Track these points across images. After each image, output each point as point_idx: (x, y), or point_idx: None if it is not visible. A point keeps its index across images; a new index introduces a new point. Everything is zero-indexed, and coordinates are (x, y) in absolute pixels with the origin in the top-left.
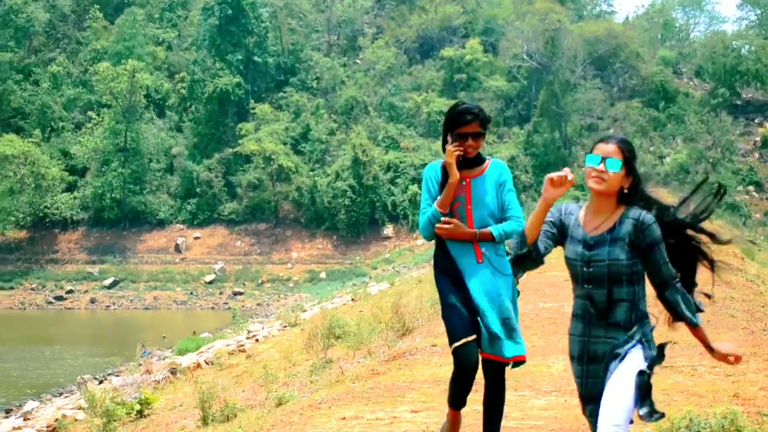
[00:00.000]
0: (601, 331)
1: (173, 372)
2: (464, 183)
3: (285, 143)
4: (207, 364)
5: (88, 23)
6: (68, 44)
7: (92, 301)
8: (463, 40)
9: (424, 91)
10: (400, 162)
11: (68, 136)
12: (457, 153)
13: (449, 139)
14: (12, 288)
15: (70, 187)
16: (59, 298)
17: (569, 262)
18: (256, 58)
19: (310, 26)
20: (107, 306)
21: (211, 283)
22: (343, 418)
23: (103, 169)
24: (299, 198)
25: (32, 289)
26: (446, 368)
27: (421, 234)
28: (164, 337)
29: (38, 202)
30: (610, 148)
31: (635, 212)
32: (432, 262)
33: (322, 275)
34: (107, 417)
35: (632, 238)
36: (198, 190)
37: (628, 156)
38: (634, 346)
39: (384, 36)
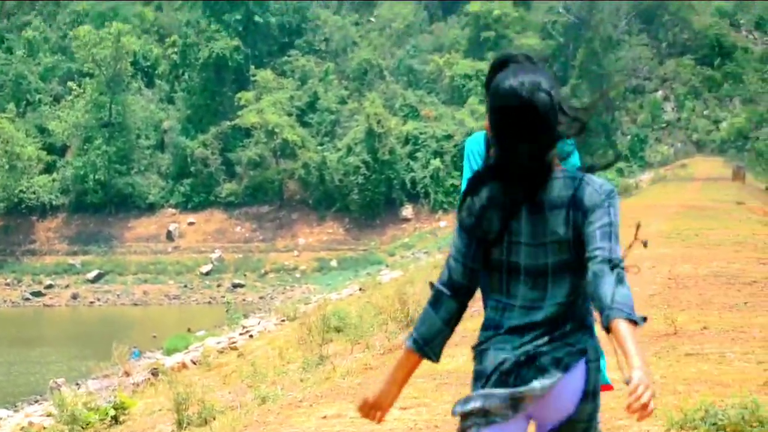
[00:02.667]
0: None
1: (155, 373)
2: None
3: (290, 114)
4: (194, 363)
5: None
6: (44, 6)
7: (74, 296)
8: None
9: (446, 52)
10: (421, 133)
11: (45, 110)
12: None
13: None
14: None
15: (49, 168)
16: (37, 294)
17: None
18: (256, 18)
19: None
20: (91, 302)
21: (207, 274)
22: (324, 417)
23: (85, 147)
24: (306, 176)
25: (7, 284)
26: (445, 360)
27: None
28: (155, 335)
29: (12, 185)
30: None
31: None
32: None
33: (333, 263)
34: (74, 423)
35: None
36: (192, 169)
37: None
38: None
39: None
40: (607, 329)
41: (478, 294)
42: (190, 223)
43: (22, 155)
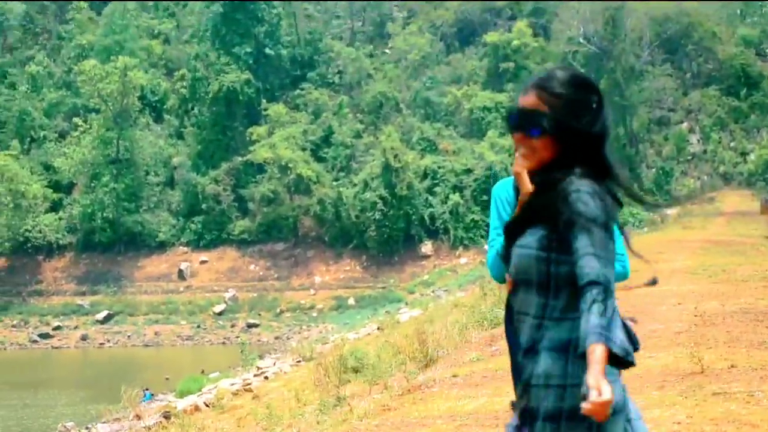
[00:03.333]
0: None
1: (167, 416)
2: None
3: (304, 149)
4: (207, 406)
5: (71, 15)
6: (48, 40)
7: (83, 338)
8: (509, 22)
9: (464, 84)
10: (439, 167)
11: (51, 147)
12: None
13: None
14: None
15: (55, 207)
16: (45, 336)
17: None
18: (267, 51)
19: (330, 11)
20: (101, 343)
21: (221, 314)
22: None
23: (92, 185)
24: (322, 212)
25: (13, 326)
26: (465, 401)
27: (490, 274)
28: (167, 377)
29: (17, 224)
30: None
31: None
32: (480, 285)
33: (351, 302)
34: None
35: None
36: (203, 206)
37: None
38: None
39: (417, 20)
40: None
41: (500, 331)
42: (203, 262)
43: (27, 193)
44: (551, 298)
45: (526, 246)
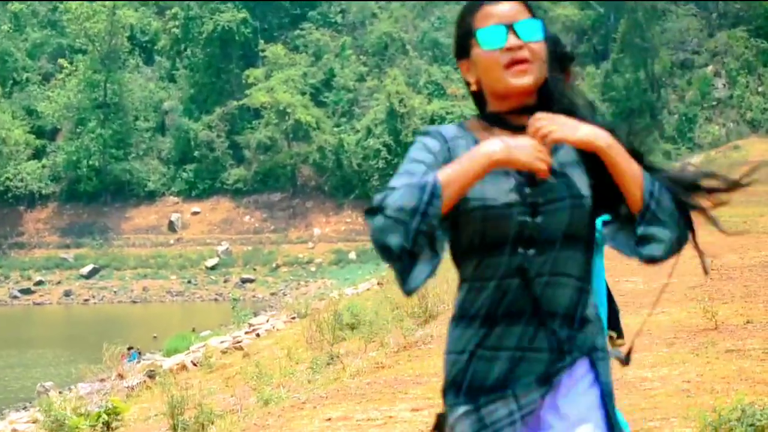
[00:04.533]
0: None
1: (151, 376)
2: None
3: (303, 93)
4: (195, 365)
5: None
6: None
7: (67, 293)
8: None
9: None
10: (447, 113)
11: (34, 90)
12: None
13: None
14: None
15: (38, 154)
16: (26, 291)
17: (490, 212)
18: None
19: None
20: (86, 300)
21: (213, 268)
22: (329, 419)
23: (77, 131)
24: (322, 161)
25: None
26: None
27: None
28: (155, 336)
29: None
30: (509, 5)
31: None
32: None
33: (352, 256)
34: (61, 430)
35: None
36: (196, 153)
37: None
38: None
39: None
40: None
41: None
42: (194, 213)
43: (8, 140)
44: (595, 256)
45: (578, 196)
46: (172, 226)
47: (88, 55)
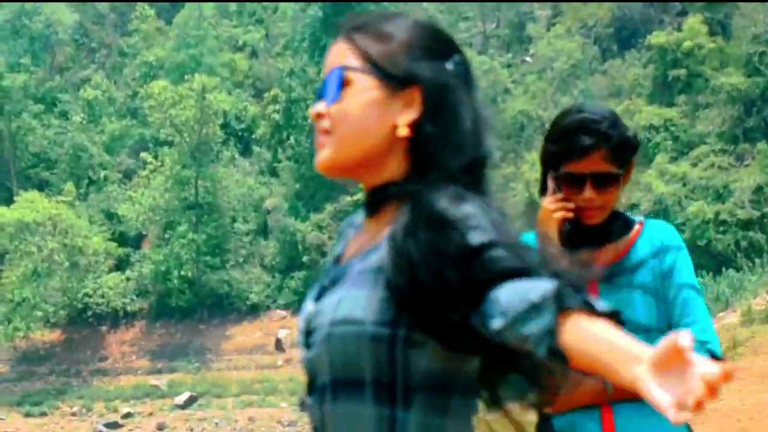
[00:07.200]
0: None
1: None
2: None
3: None
4: None
5: (134, 25)
6: (107, 57)
7: (160, 427)
8: (678, 19)
9: (625, 97)
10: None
11: (114, 190)
12: (560, 215)
13: (550, 182)
14: (44, 414)
15: (120, 264)
16: (113, 425)
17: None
18: None
19: (457, 12)
20: None
21: None
22: None
23: (166, 236)
24: None
25: (73, 414)
26: None
27: None
28: None
29: (75, 287)
30: (335, 49)
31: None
32: None
33: None
34: None
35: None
36: (305, 259)
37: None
38: None
39: (564, 20)
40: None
41: None
42: None
43: (86, 249)
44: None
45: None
46: (279, 345)
47: (175, 147)
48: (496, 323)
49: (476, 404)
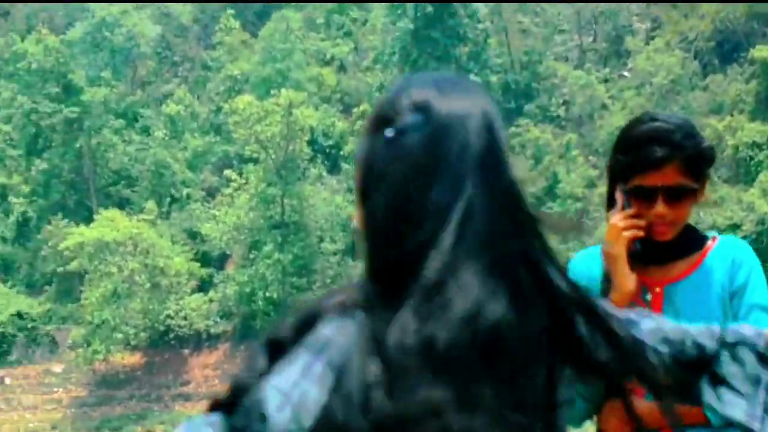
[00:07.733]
0: None
1: None
2: (649, 295)
3: None
4: None
5: (218, 38)
6: (190, 71)
7: None
8: None
9: (727, 114)
10: (696, 222)
11: (197, 208)
12: (631, 234)
13: (618, 196)
14: None
15: (203, 285)
16: None
17: None
18: (472, 77)
19: (552, 24)
20: None
21: None
22: None
23: (251, 256)
24: None
25: None
26: None
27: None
28: None
29: (156, 309)
30: None
31: None
32: None
33: None
34: None
35: None
36: None
37: None
38: None
39: (664, 33)
40: None
41: None
42: None
43: (167, 269)
44: None
45: None
46: None
47: (261, 164)
48: None
49: None
